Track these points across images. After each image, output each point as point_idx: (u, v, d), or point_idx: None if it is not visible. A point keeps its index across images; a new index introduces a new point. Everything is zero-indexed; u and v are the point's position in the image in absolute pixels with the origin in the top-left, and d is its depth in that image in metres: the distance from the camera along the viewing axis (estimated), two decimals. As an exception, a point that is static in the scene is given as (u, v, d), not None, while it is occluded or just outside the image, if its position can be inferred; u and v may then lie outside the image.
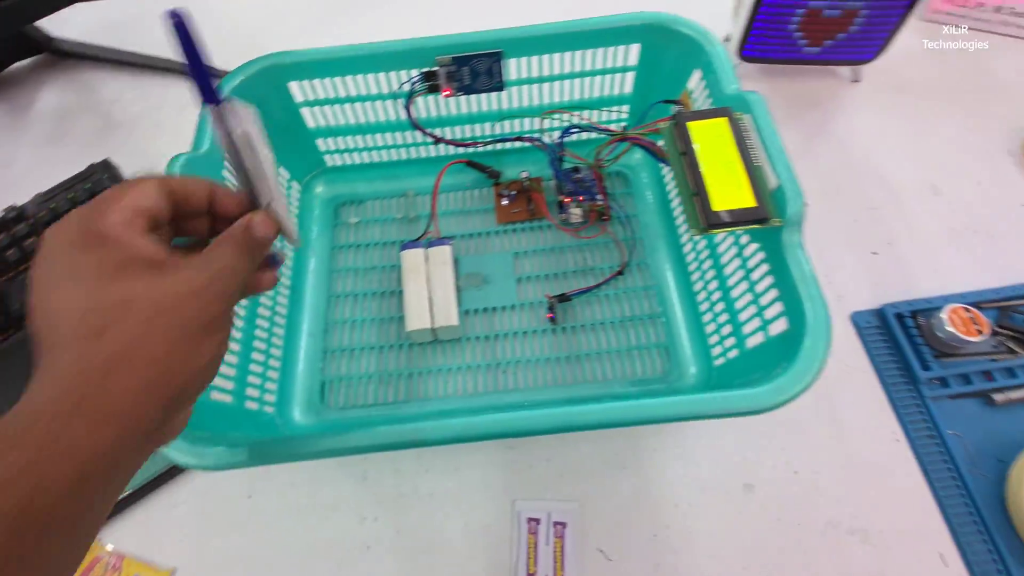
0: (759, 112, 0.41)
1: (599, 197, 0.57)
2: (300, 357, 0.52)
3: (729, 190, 0.37)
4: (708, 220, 0.37)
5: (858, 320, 0.51)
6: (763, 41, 0.61)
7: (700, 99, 0.48)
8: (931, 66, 0.66)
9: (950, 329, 0.47)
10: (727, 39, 0.67)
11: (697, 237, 0.37)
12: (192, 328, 0.22)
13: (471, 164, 0.59)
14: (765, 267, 0.40)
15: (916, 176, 0.59)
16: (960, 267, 0.53)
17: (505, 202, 0.59)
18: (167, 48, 0.70)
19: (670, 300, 0.53)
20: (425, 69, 0.51)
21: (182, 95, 0.70)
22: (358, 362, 0.52)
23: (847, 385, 0.49)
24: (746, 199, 0.37)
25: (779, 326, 0.38)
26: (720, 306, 0.47)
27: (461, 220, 0.59)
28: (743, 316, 0.43)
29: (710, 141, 0.39)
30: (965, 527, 0.43)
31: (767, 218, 0.36)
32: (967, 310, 0.48)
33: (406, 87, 0.52)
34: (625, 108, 0.57)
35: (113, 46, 0.73)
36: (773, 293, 0.39)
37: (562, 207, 0.58)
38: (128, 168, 0.62)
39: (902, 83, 0.65)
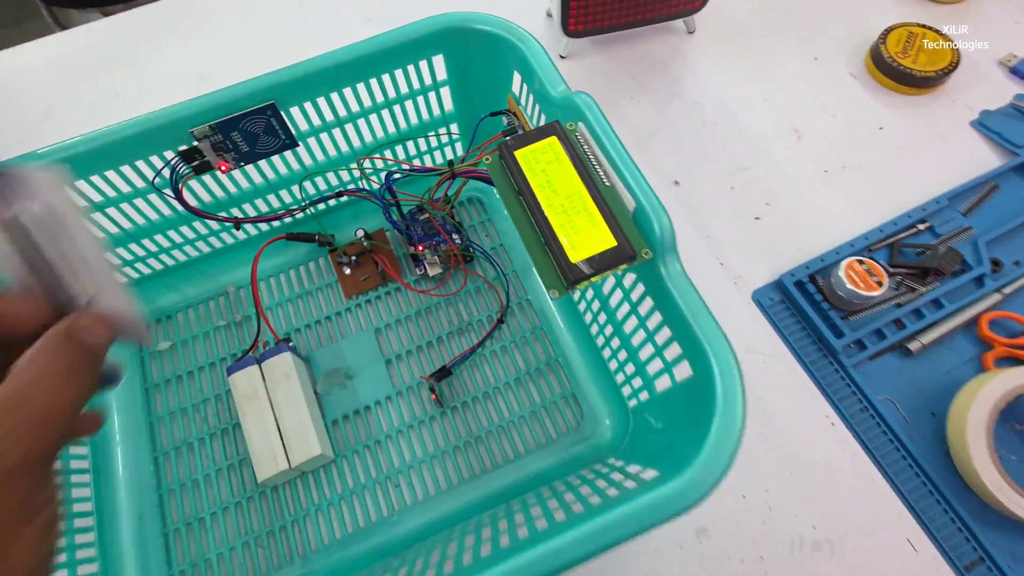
0: (592, 117, 0.33)
1: (454, 236, 0.49)
2: (130, 555, 0.40)
3: (583, 230, 0.30)
4: (568, 277, 0.29)
5: (760, 299, 0.47)
6: (585, 12, 0.54)
7: (529, 105, 0.40)
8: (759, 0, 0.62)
9: (850, 287, 0.44)
10: (549, 15, 0.60)
11: (557, 297, 0.29)
12: None
13: (293, 237, 0.48)
14: (649, 302, 0.34)
15: (775, 122, 0.55)
16: (841, 211, 0.50)
17: (348, 271, 0.49)
18: None
19: (563, 338, 0.46)
20: (182, 147, 0.39)
21: None
22: (212, 533, 0.41)
23: (770, 378, 0.44)
24: (604, 238, 0.30)
25: (684, 370, 0.32)
26: (616, 342, 0.40)
27: (302, 306, 0.48)
28: (643, 355, 0.37)
29: (547, 170, 0.32)
30: (922, 501, 0.40)
31: (633, 255, 0.29)
32: (861, 262, 0.44)
33: (166, 173, 0.40)
34: (454, 127, 0.48)
35: None
36: (667, 332, 0.33)
37: (416, 259, 0.49)
38: None
39: (736, 24, 0.60)
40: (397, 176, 0.44)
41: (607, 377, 0.43)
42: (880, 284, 0.43)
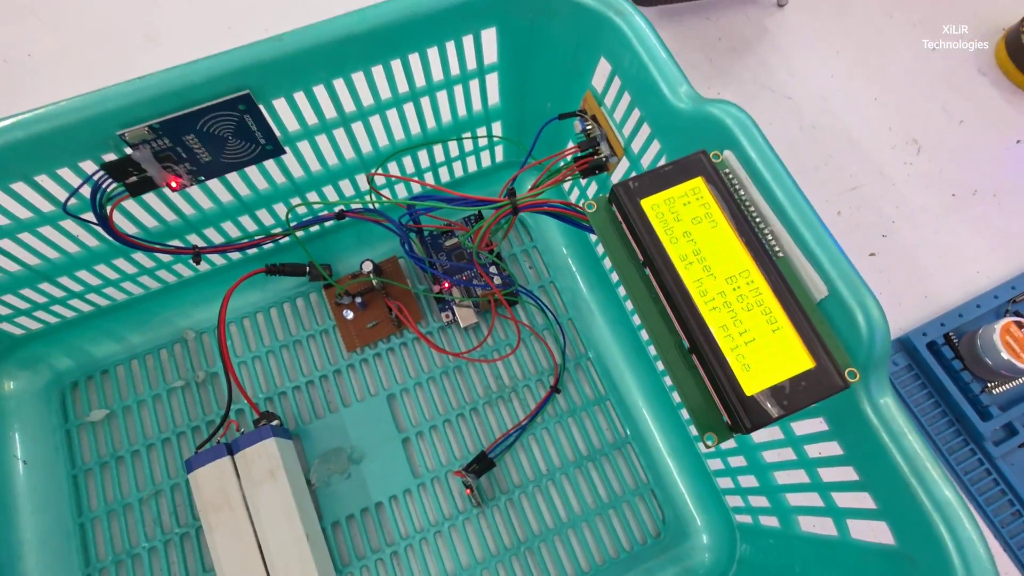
0: (752, 144, 0.22)
1: (492, 272, 0.37)
2: None
3: (760, 337, 0.19)
4: (741, 418, 0.18)
5: (882, 363, 0.37)
6: (663, -28, 0.41)
7: (620, 109, 0.28)
8: (863, -34, 0.50)
9: (1007, 358, 0.34)
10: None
11: (715, 445, 0.19)
12: None
13: (275, 271, 0.35)
14: (819, 423, 0.23)
15: (890, 128, 0.44)
16: (974, 248, 0.41)
17: (350, 315, 0.37)
18: None
19: (638, 411, 0.35)
20: (108, 157, 0.26)
21: None
22: None
23: (897, 468, 0.35)
24: (792, 351, 0.19)
25: (874, 531, 0.22)
26: (728, 441, 0.30)
27: (288, 360, 0.36)
28: (780, 477, 0.26)
29: (692, 233, 0.20)
30: (1095, 640, 0.32)
31: (845, 384, 0.19)
32: (1019, 324, 0.35)
33: (85, 192, 0.27)
34: (496, 126, 0.36)
35: None
36: (849, 472, 0.22)
37: (442, 302, 0.37)
38: None
39: (837, -3, 0.48)
40: (423, 205, 0.32)
41: (702, 474, 0.33)
42: (1047, 356, 0.34)
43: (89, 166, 0.26)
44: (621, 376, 0.36)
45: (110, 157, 0.26)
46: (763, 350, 0.19)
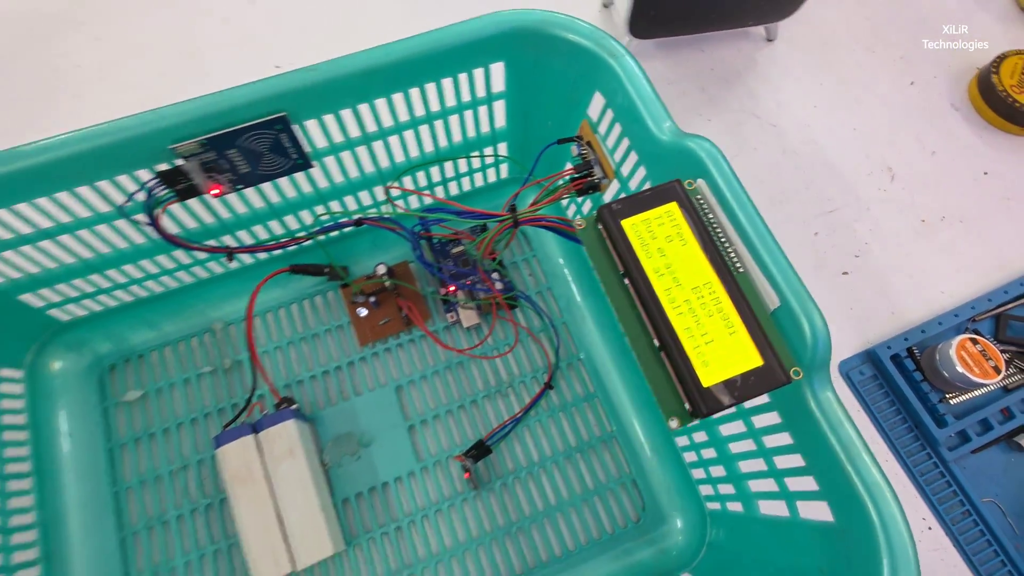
0: (720, 174, 0.26)
1: (494, 278, 0.41)
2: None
3: (717, 339, 0.22)
4: (699, 405, 0.21)
5: (849, 373, 0.41)
6: (663, 10, 0.45)
7: (612, 137, 0.32)
8: (849, 4, 0.54)
9: (961, 371, 0.37)
10: (606, 5, 0.51)
11: (678, 428, 0.22)
12: None
13: (298, 270, 0.39)
14: (774, 416, 0.26)
15: (867, 156, 0.47)
16: (939, 270, 0.44)
17: (364, 312, 0.40)
18: None
19: (623, 408, 0.38)
20: (162, 166, 0.30)
21: None
22: (193, 642, 0.33)
23: (858, 469, 0.38)
24: (745, 352, 0.22)
25: (818, 511, 0.25)
26: (701, 435, 0.33)
27: (307, 352, 0.40)
28: (744, 467, 0.30)
29: (665, 250, 0.24)
30: (1032, 629, 0.35)
31: (787, 380, 0.22)
32: (975, 341, 0.38)
33: (140, 197, 0.30)
34: (502, 146, 0.39)
35: None
36: (797, 460, 0.26)
37: (448, 304, 0.40)
38: None
39: (821, 34, 0.52)
40: (434, 214, 0.35)
41: (678, 466, 0.36)
42: (997, 371, 0.37)
43: (143, 174, 0.30)
44: (609, 376, 0.39)
45: (163, 167, 0.30)
46: (720, 350, 0.22)
